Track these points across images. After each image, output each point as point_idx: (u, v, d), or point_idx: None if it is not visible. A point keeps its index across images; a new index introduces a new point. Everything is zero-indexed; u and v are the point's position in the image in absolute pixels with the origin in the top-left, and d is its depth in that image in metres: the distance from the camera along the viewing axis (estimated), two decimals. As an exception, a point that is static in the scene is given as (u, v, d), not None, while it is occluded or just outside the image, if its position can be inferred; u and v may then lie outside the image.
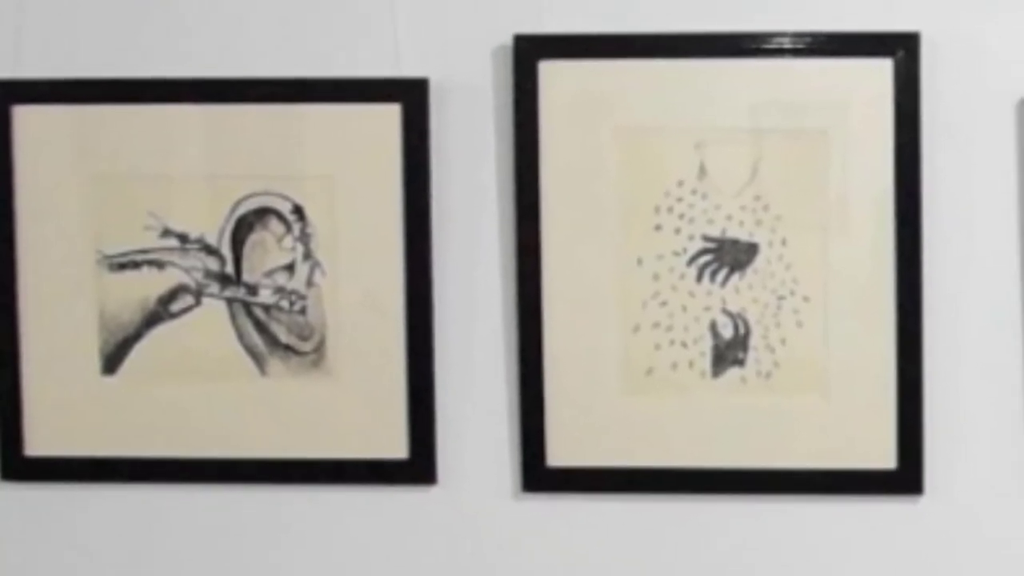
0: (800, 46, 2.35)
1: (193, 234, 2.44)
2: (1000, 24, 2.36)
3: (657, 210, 2.37)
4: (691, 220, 2.37)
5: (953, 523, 2.40)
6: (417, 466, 2.44)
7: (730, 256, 2.37)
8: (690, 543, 2.46)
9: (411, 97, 2.39)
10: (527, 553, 2.49)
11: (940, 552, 2.43)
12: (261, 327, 2.45)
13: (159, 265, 2.44)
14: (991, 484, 2.40)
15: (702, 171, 2.36)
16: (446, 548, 2.50)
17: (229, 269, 2.44)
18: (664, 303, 2.38)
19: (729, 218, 2.37)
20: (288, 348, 2.45)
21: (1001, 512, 2.40)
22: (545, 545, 2.48)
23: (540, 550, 2.49)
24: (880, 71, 2.33)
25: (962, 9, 2.36)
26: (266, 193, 2.43)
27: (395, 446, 2.44)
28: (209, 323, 2.46)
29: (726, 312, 2.38)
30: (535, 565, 2.49)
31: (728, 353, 2.39)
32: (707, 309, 2.38)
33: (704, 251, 2.38)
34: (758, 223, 2.36)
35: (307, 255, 2.43)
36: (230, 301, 2.45)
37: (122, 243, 2.44)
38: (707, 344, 2.39)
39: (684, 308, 2.38)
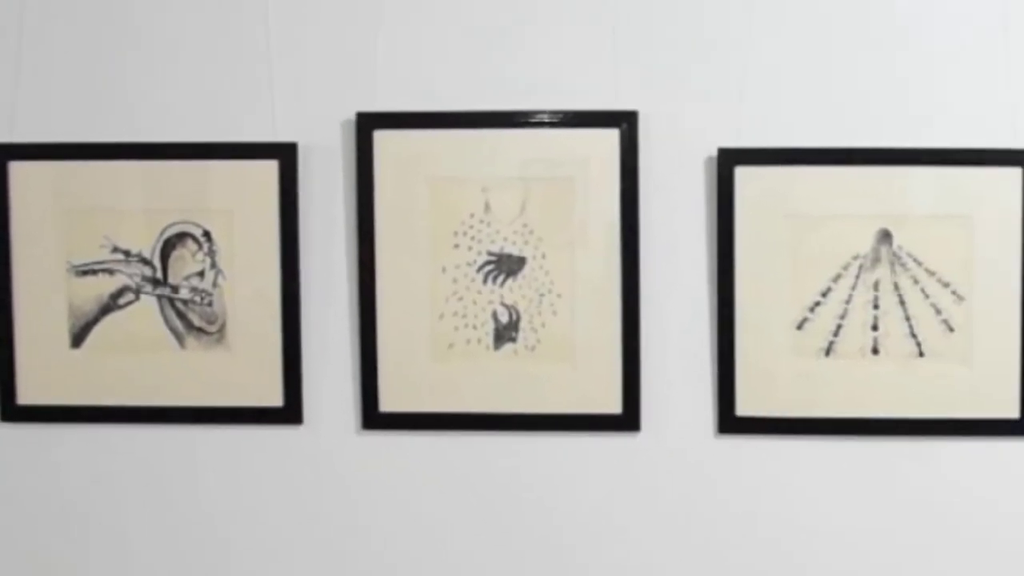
0: (555, 120, 2.36)
1: (134, 250, 2.43)
2: (693, 105, 2.36)
3: (455, 234, 2.38)
4: (479, 241, 2.38)
5: (662, 453, 2.41)
6: (289, 411, 2.44)
7: (506, 266, 2.38)
8: (478, 466, 2.45)
9: (285, 156, 2.41)
10: (366, 473, 2.47)
11: (653, 473, 2.42)
12: (181, 315, 2.45)
13: (110, 272, 2.44)
14: (688, 425, 2.41)
15: (487, 207, 2.37)
16: (308, 471, 2.49)
17: (159, 275, 2.44)
18: (460, 298, 2.39)
19: (506, 239, 2.38)
20: (200, 330, 2.45)
21: (695, 444, 2.41)
22: (379, 468, 2.47)
23: (376, 472, 2.47)
24: (610, 138, 2.35)
25: (667, 95, 2.36)
26: (184, 222, 2.43)
27: (273, 397, 2.44)
28: (145, 312, 2.45)
29: (503, 304, 2.38)
30: (372, 481, 2.47)
31: (505, 333, 2.39)
32: (490, 302, 2.39)
33: (488, 262, 2.38)
34: (526, 243, 2.37)
35: (213, 265, 2.43)
36: (159, 297, 2.44)
37: (85, 257, 2.44)
38: (490, 327, 2.39)
39: (474, 302, 2.39)
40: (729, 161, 2.33)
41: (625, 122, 2.34)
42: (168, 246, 2.44)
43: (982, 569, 2.38)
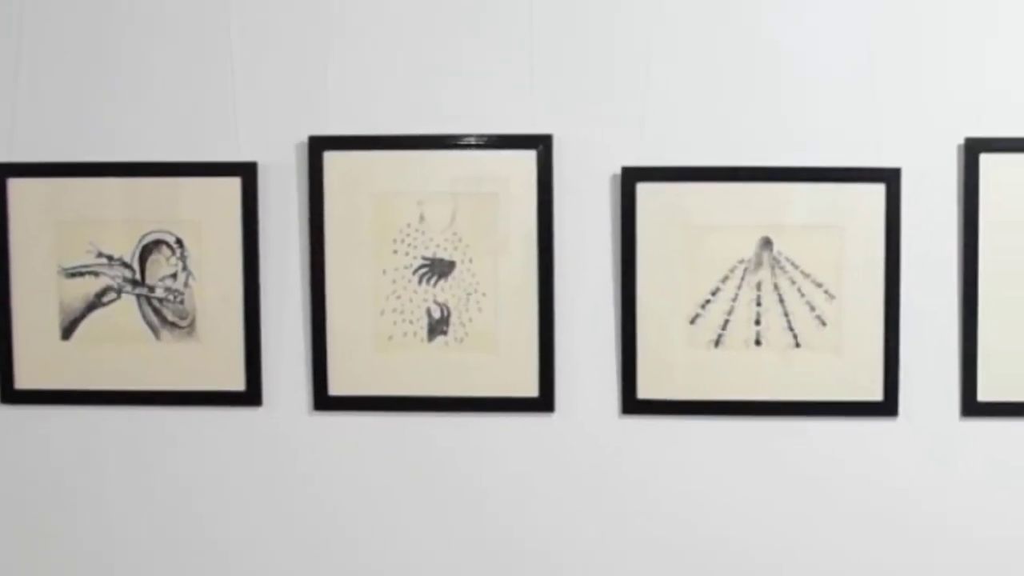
0: (481, 143, 2.36)
1: (116, 255, 2.43)
2: (600, 129, 2.37)
3: (395, 241, 2.39)
4: (415, 247, 2.39)
5: (573, 431, 2.42)
6: (249, 394, 2.43)
7: (438, 269, 2.39)
8: (414, 442, 2.45)
9: (247, 173, 2.40)
10: (317, 448, 2.47)
11: (565, 449, 2.43)
12: (156, 311, 2.44)
13: (95, 274, 2.43)
14: (596, 406, 2.42)
15: (422, 218, 2.38)
16: (266, 446, 2.47)
17: (137, 277, 2.43)
18: (399, 297, 2.40)
19: (438, 246, 2.38)
20: (173, 324, 2.43)
21: (602, 424, 2.42)
22: (328, 443, 2.46)
23: (326, 447, 2.47)
24: (528, 158, 2.36)
25: (578, 120, 2.37)
26: (160, 231, 2.42)
27: (236, 382, 2.44)
28: (125, 309, 2.44)
29: (436, 302, 2.39)
30: (323, 455, 2.46)
31: (437, 327, 2.40)
32: (424, 300, 2.39)
33: (423, 266, 2.39)
34: (455, 249, 2.38)
35: (184, 268, 2.42)
36: (138, 296, 2.44)
37: (74, 261, 2.44)
38: (424, 322, 2.40)
39: (411, 300, 2.40)
40: (631, 178, 2.34)
41: (541, 144, 2.36)
42: (145, 252, 2.43)
43: (849, 531, 2.40)
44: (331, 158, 2.40)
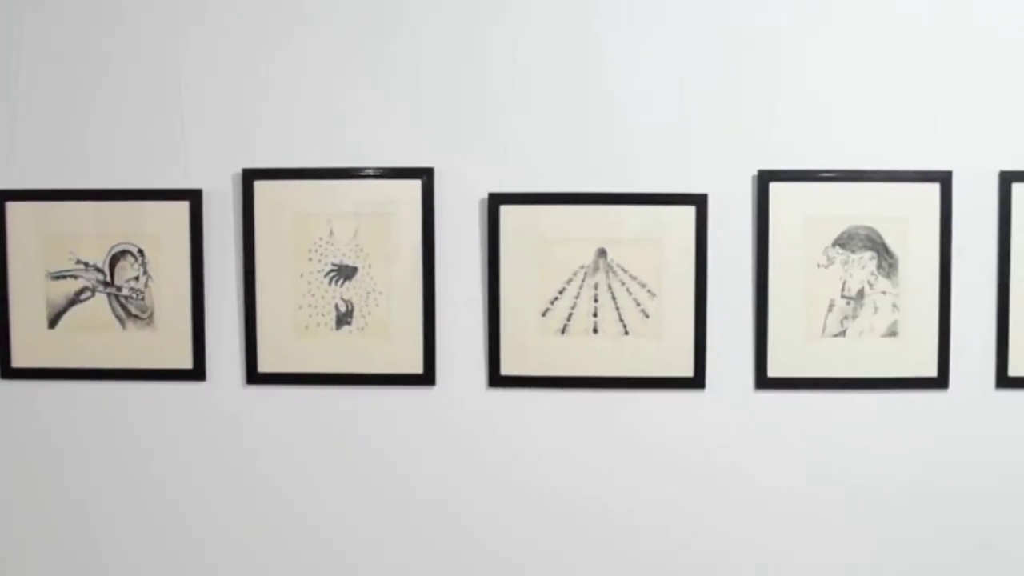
0: (378, 174, 2.51)
1: (91, 262, 2.57)
2: (471, 164, 2.52)
3: (310, 251, 2.54)
4: (326, 256, 2.54)
5: (450, 400, 2.58)
6: (196, 371, 2.58)
7: (344, 273, 2.54)
8: (323, 410, 2.58)
9: (194, 198, 2.54)
10: (250, 414, 2.61)
11: (444, 414, 2.58)
12: (123, 306, 2.58)
13: (75, 277, 2.58)
14: (469, 381, 2.58)
15: (331, 233, 2.53)
16: (208, 412, 2.62)
17: (108, 279, 2.57)
18: (313, 295, 2.55)
19: (344, 255, 2.53)
20: (136, 316, 2.57)
21: (473, 394, 2.58)
22: (259, 410, 2.61)
23: (257, 412, 2.61)
24: (415, 186, 2.52)
25: (454, 156, 2.51)
26: (125, 243, 2.56)
27: (185, 362, 2.59)
28: (98, 305, 2.59)
29: (342, 299, 2.54)
30: (254, 419, 2.60)
31: (343, 319, 2.54)
32: (333, 298, 2.54)
33: (332, 270, 2.54)
34: (358, 257, 2.53)
35: (145, 272, 2.56)
36: (108, 294, 2.58)
37: (57, 266, 2.58)
38: (333, 315, 2.54)
39: (322, 297, 2.55)
40: (496, 202, 2.52)
41: (425, 175, 2.51)
42: (114, 259, 2.56)
43: (666, 479, 2.59)
44: (260, 186, 2.56)
